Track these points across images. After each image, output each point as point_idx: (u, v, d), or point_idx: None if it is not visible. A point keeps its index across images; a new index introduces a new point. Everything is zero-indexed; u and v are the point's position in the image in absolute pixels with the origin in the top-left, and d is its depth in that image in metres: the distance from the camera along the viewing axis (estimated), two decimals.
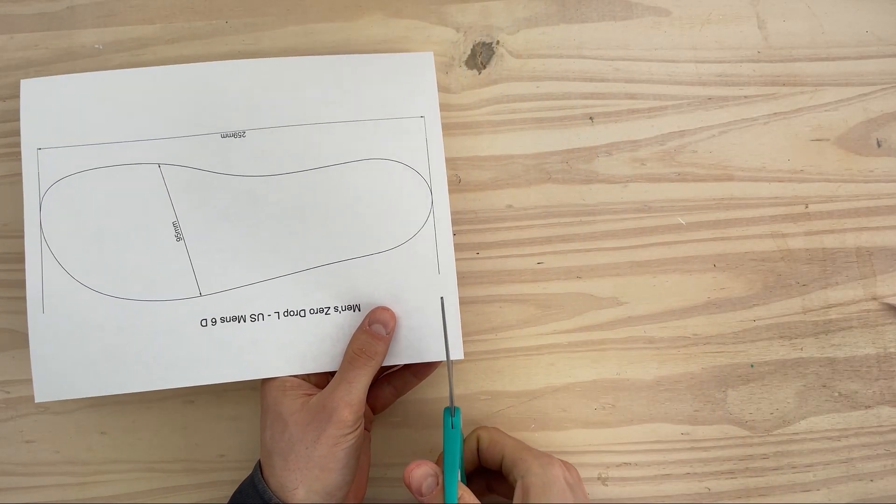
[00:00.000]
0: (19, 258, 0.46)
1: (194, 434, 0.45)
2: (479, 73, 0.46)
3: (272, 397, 0.40)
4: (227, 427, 0.46)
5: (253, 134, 0.43)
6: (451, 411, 0.39)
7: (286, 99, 0.43)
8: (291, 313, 0.42)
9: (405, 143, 0.43)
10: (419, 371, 0.43)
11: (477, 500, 0.37)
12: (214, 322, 0.42)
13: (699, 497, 0.45)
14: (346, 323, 0.42)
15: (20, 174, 0.46)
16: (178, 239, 0.42)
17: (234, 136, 0.43)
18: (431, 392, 0.46)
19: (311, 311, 0.42)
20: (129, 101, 0.43)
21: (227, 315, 0.42)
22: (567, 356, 0.45)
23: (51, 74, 0.46)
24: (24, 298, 0.46)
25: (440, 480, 0.38)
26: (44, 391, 0.42)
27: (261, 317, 0.42)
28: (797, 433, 0.45)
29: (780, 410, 0.45)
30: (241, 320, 0.42)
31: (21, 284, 0.46)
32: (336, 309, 0.42)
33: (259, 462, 0.40)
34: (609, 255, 0.46)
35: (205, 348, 0.41)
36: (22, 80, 0.43)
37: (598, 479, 0.45)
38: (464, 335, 0.45)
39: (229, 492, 0.45)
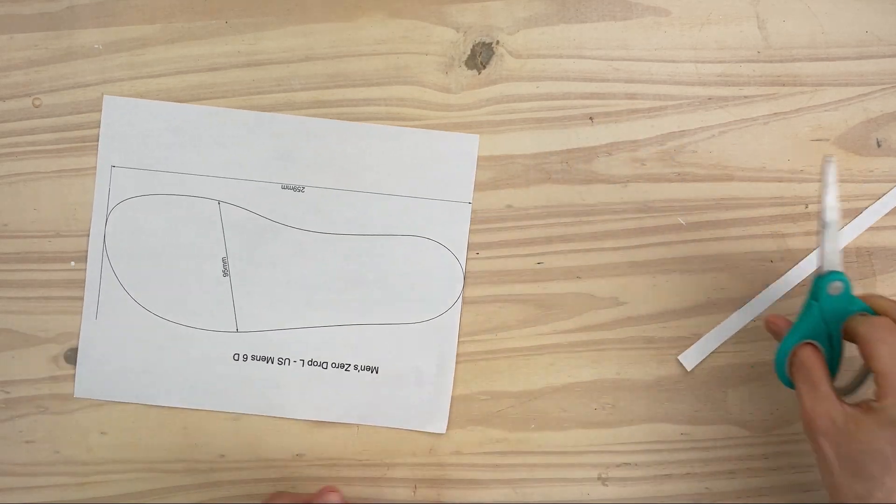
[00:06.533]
0: (19, 258, 0.46)
1: (194, 434, 0.45)
2: (479, 73, 0.46)
3: None
4: (227, 427, 0.46)
5: (312, 191, 0.45)
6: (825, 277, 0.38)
7: (348, 163, 0.45)
8: (315, 363, 0.45)
9: (450, 227, 0.45)
10: None
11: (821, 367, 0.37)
12: (245, 358, 0.45)
13: (699, 497, 0.45)
14: (363, 381, 0.45)
15: (20, 174, 0.46)
16: (225, 275, 0.45)
17: (293, 189, 0.45)
18: None
19: (333, 365, 0.45)
20: (202, 136, 0.45)
21: (258, 354, 0.45)
22: (567, 356, 0.45)
23: (50, 74, 0.46)
24: (23, 299, 0.46)
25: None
26: (84, 388, 0.45)
27: (287, 361, 0.45)
28: (797, 433, 0.45)
29: (780, 410, 0.45)
30: (270, 361, 0.45)
31: (20, 284, 0.46)
32: (356, 367, 0.45)
33: None
34: (609, 255, 0.46)
35: (233, 380, 0.45)
36: (105, 96, 0.45)
37: (598, 479, 0.45)
38: (464, 335, 0.45)
39: (229, 492, 0.45)
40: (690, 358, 0.45)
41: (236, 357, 0.45)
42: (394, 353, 0.45)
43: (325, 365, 0.45)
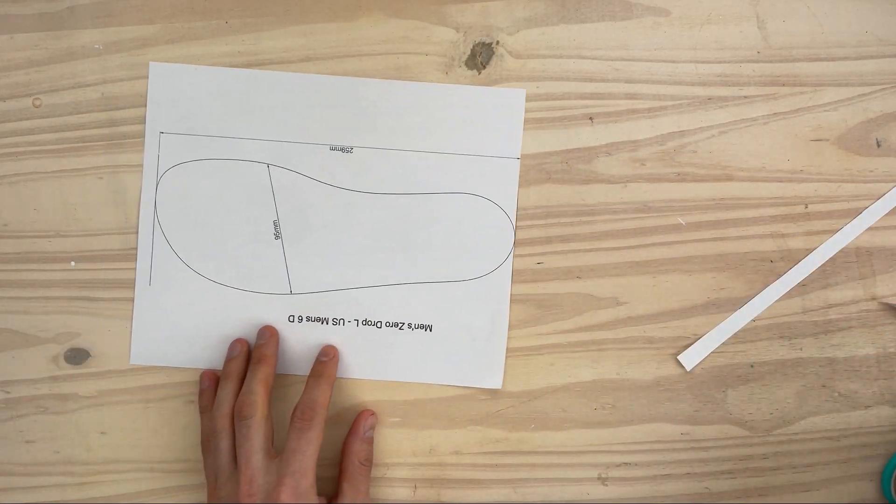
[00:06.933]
0: (19, 258, 0.46)
1: (194, 434, 0.45)
2: (479, 74, 0.46)
3: None
4: None
5: (360, 151, 0.45)
6: None
7: (395, 122, 0.45)
8: (369, 323, 0.46)
9: (499, 183, 0.45)
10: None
11: None
12: (301, 320, 0.46)
13: (699, 497, 0.45)
14: (415, 340, 0.45)
15: (20, 174, 0.46)
16: (277, 237, 0.45)
17: (342, 150, 0.45)
18: (431, 392, 0.46)
19: (387, 324, 0.45)
20: (249, 100, 0.45)
21: (313, 315, 0.46)
22: (567, 356, 0.45)
23: (50, 74, 0.46)
24: (23, 299, 0.46)
25: None
26: (139, 355, 0.46)
27: (342, 322, 0.46)
28: (797, 433, 0.45)
29: (780, 410, 0.45)
30: (325, 322, 0.46)
31: (20, 284, 0.46)
32: (409, 326, 0.45)
33: None
34: (609, 255, 0.46)
35: (289, 342, 0.46)
36: (151, 63, 0.45)
37: (598, 479, 0.45)
38: None
39: None
40: (690, 358, 0.45)
41: (291, 319, 0.46)
42: (447, 310, 0.45)
43: (379, 324, 0.45)
